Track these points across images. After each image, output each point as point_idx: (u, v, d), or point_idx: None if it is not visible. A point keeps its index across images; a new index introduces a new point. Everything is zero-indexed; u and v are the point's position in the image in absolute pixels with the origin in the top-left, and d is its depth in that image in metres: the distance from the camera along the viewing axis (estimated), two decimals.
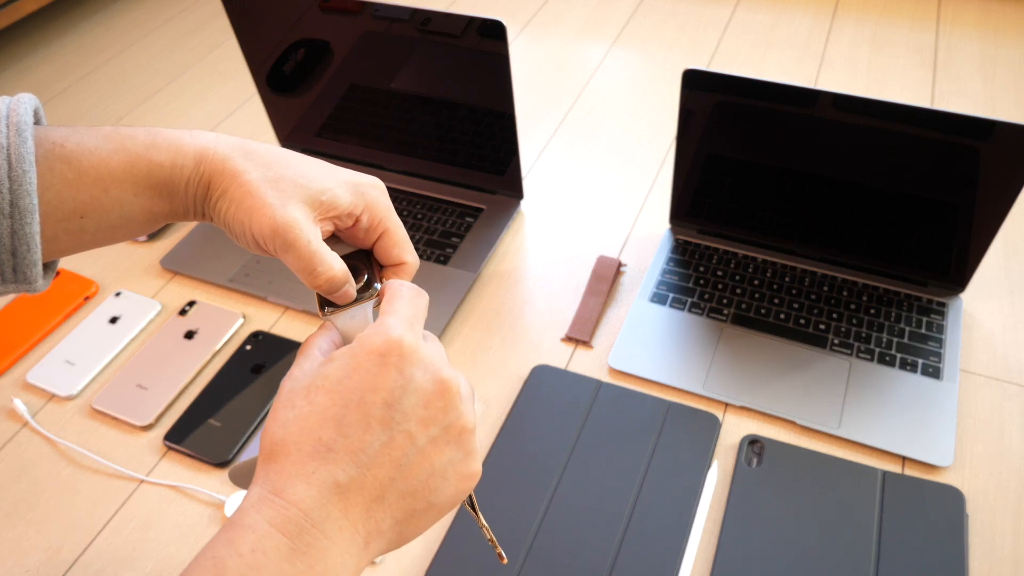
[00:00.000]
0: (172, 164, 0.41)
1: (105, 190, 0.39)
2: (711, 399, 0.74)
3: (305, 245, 0.40)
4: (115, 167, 0.39)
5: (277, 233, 0.40)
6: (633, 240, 0.91)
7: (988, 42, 1.20)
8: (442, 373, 0.37)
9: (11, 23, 1.33)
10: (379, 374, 0.35)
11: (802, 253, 0.85)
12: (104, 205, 0.39)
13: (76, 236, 0.39)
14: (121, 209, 0.40)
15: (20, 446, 0.75)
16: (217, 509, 0.69)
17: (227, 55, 1.33)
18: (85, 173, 0.38)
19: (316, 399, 0.35)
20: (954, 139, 0.69)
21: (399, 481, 0.35)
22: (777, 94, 0.73)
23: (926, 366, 0.74)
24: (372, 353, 0.36)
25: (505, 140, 0.89)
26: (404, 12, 0.83)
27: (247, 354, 0.81)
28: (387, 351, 0.36)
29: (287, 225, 0.40)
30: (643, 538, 0.64)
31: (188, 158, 0.41)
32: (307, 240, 0.41)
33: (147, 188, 0.40)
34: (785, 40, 1.23)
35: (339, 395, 0.35)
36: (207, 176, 0.41)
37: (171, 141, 0.41)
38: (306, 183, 0.42)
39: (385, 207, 0.44)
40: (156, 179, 0.40)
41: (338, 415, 0.35)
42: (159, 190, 0.41)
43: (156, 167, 0.40)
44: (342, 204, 0.43)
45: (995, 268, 0.85)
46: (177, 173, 0.41)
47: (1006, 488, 0.66)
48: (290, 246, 0.40)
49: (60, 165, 0.38)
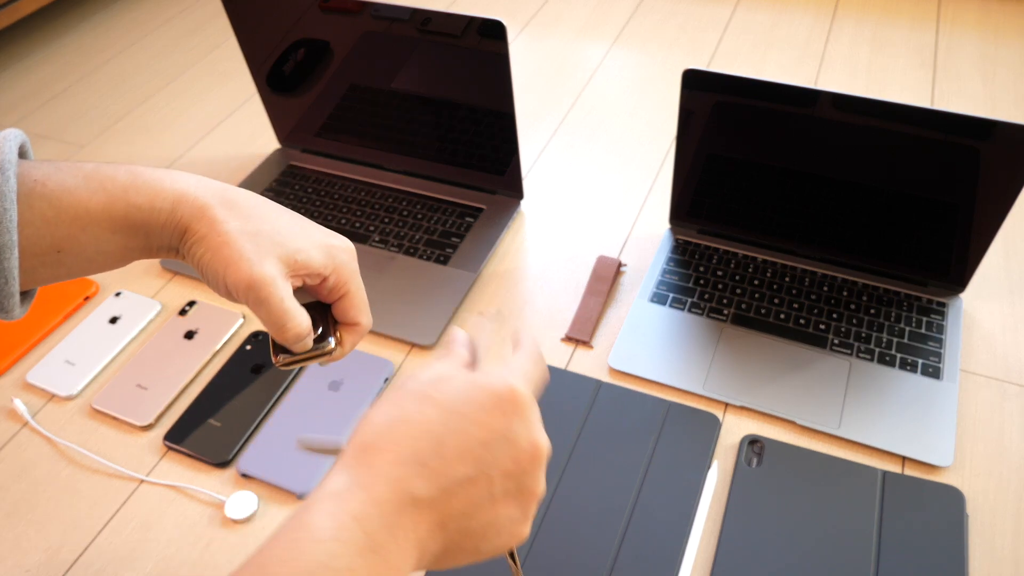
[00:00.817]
0: (150, 207, 0.42)
1: (83, 228, 0.41)
2: (711, 399, 0.74)
3: (279, 303, 0.43)
4: (93, 207, 0.41)
5: (252, 288, 0.42)
6: (633, 240, 0.91)
7: (988, 42, 1.20)
8: (539, 439, 0.38)
9: (11, 23, 1.33)
10: (490, 414, 0.36)
11: (802, 253, 0.85)
12: (81, 242, 0.41)
13: (52, 269, 0.41)
14: (97, 245, 0.42)
15: (20, 446, 0.75)
16: (217, 509, 0.69)
17: (227, 55, 1.33)
18: (64, 212, 0.40)
19: (426, 411, 0.36)
20: (954, 139, 0.69)
21: (463, 518, 0.36)
22: (777, 94, 0.73)
23: (926, 366, 0.74)
24: (492, 393, 0.37)
25: (505, 140, 0.89)
26: (404, 12, 0.83)
27: (247, 354, 0.81)
28: (505, 397, 0.37)
29: (263, 281, 0.42)
30: (643, 538, 0.64)
31: (167, 201, 0.43)
32: (280, 298, 0.43)
33: (124, 228, 0.42)
34: (785, 40, 1.23)
35: (448, 417, 0.36)
36: (184, 221, 0.43)
37: (150, 184, 0.43)
38: (282, 240, 0.45)
39: (351, 271, 0.47)
40: (133, 220, 0.42)
41: (440, 435, 0.36)
42: (135, 230, 0.42)
43: (134, 209, 0.42)
44: (314, 265, 0.45)
45: (995, 268, 0.85)
46: (154, 216, 0.42)
47: (1006, 488, 0.66)
48: (263, 301, 0.42)
49: (40, 203, 0.39)
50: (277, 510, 0.69)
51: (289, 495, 0.69)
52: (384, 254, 0.90)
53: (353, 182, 1.00)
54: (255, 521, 0.68)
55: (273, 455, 0.71)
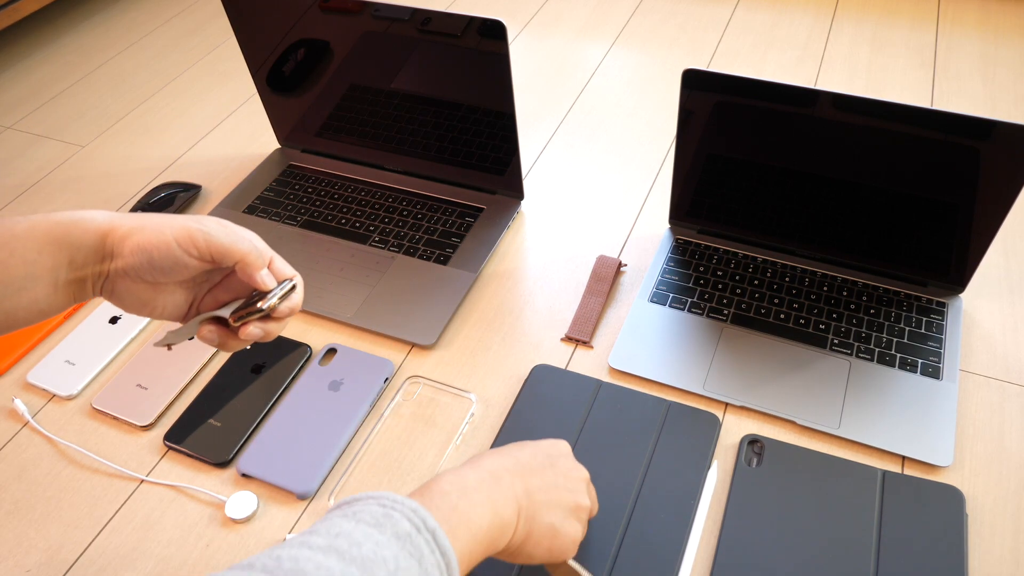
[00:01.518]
0: (71, 220, 0.47)
1: (11, 252, 0.45)
2: (711, 399, 0.74)
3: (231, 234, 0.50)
4: (19, 231, 0.45)
5: (202, 231, 0.48)
6: (633, 240, 0.91)
7: (988, 42, 1.20)
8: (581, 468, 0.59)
9: (11, 23, 1.33)
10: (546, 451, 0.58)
11: (802, 253, 0.85)
12: (10, 266, 0.44)
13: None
14: (25, 268, 0.45)
15: (20, 446, 0.75)
16: (217, 509, 0.69)
17: (227, 55, 1.33)
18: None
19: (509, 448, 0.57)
20: (954, 139, 0.69)
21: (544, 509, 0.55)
22: (777, 94, 0.73)
23: (926, 366, 0.74)
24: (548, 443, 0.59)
25: (505, 140, 0.89)
26: (404, 12, 0.83)
27: (247, 354, 0.81)
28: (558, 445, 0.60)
29: (207, 224, 0.49)
30: (643, 538, 0.64)
31: (86, 215, 0.48)
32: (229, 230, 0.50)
33: (48, 244, 0.46)
34: (785, 40, 1.23)
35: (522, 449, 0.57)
36: (104, 227, 0.48)
37: (66, 211, 0.48)
38: (201, 217, 0.51)
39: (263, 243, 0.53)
40: (56, 234, 0.46)
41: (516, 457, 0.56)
42: (59, 244, 0.46)
43: (55, 224, 0.46)
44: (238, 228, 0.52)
45: (995, 268, 0.85)
46: (76, 227, 0.47)
47: (1006, 488, 0.66)
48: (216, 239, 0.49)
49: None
50: (277, 510, 0.69)
51: (289, 495, 0.69)
52: (384, 254, 0.90)
53: (353, 182, 1.00)
54: (255, 521, 0.68)
55: (273, 455, 0.71)
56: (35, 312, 0.47)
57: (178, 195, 0.99)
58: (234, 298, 0.54)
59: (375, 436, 0.73)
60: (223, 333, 0.53)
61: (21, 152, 1.15)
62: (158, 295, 0.51)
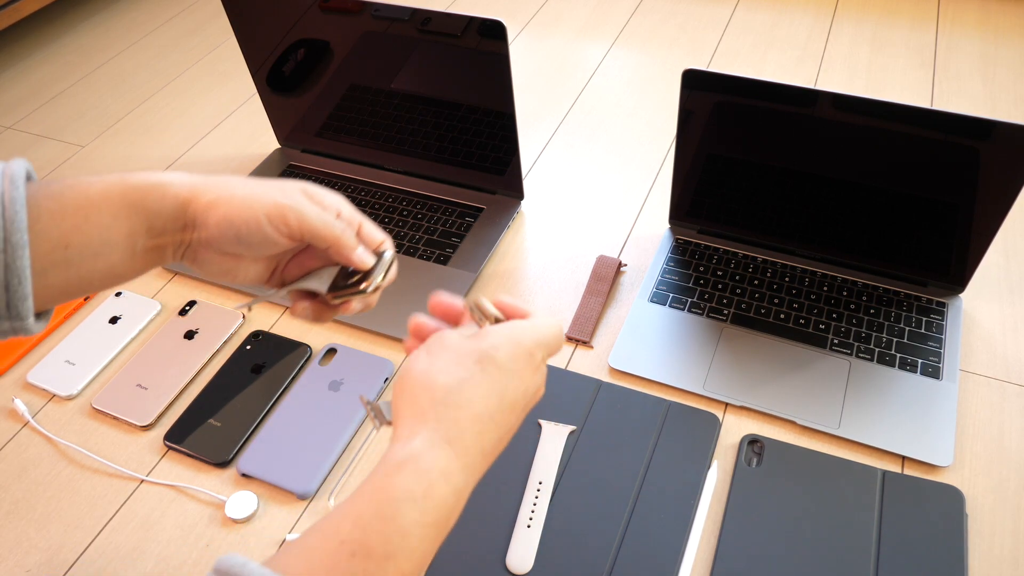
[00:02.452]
0: (147, 184, 0.44)
1: (86, 217, 0.42)
2: (711, 399, 0.74)
3: (322, 214, 0.46)
4: (93, 194, 0.43)
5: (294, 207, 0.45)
6: (633, 240, 0.91)
7: (988, 42, 1.20)
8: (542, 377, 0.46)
9: (11, 23, 1.33)
10: (537, 368, 0.44)
11: (802, 253, 0.85)
12: (85, 232, 0.42)
13: (62, 270, 0.42)
14: (101, 234, 0.43)
15: (20, 446, 0.75)
16: (217, 509, 0.69)
17: (227, 55, 1.33)
18: (67, 204, 0.42)
19: (489, 370, 0.41)
20: (954, 139, 0.69)
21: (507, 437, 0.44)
22: (777, 94, 0.73)
23: (926, 366, 0.74)
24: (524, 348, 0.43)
25: (505, 140, 0.89)
26: (404, 12, 0.83)
27: (247, 354, 0.81)
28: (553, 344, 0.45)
29: (299, 199, 0.46)
30: (643, 538, 0.64)
31: (163, 179, 0.45)
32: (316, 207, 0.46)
33: (124, 208, 0.43)
34: (785, 40, 1.23)
35: (508, 376, 0.42)
36: (184, 193, 0.45)
37: (145, 172, 0.45)
38: (284, 183, 0.47)
39: (351, 205, 0.50)
40: (132, 199, 0.43)
41: (502, 391, 0.42)
42: (136, 210, 0.44)
43: (131, 188, 0.44)
44: (326, 194, 0.48)
45: (995, 268, 0.85)
46: (152, 192, 0.44)
47: (1006, 488, 0.66)
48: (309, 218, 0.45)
49: (46, 202, 0.41)
50: (277, 510, 0.69)
51: (289, 495, 0.69)
52: None
53: (353, 182, 1.00)
54: (255, 521, 0.68)
55: (273, 455, 0.71)
56: (112, 277, 0.44)
57: None
58: (322, 265, 0.50)
59: (375, 436, 0.73)
60: (317, 309, 0.50)
61: (21, 152, 1.15)
62: (241, 264, 0.48)
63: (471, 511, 0.66)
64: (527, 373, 0.43)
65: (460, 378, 0.41)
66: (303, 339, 0.83)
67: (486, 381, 0.41)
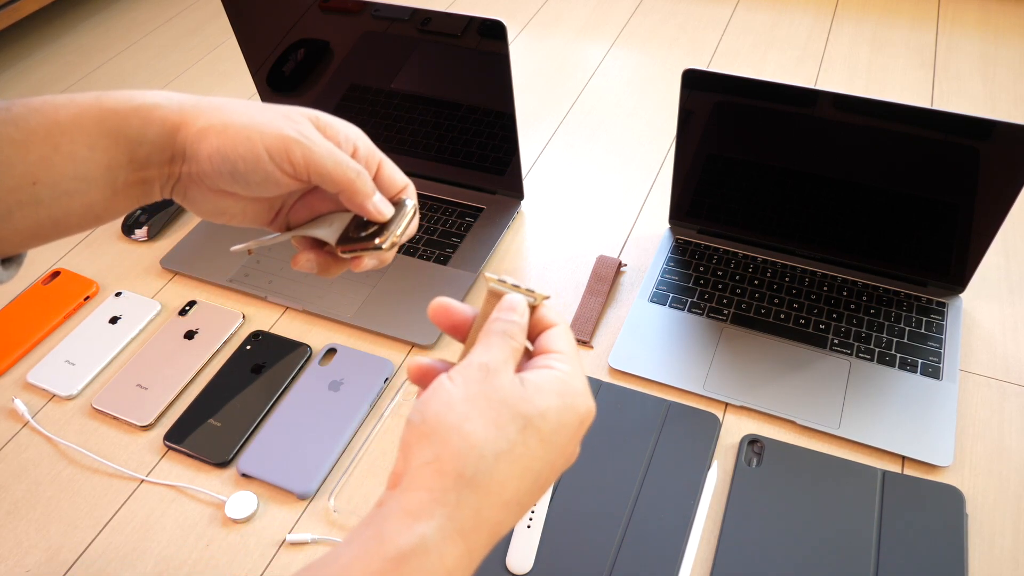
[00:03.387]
0: (128, 107, 0.37)
1: (55, 146, 0.35)
2: (711, 399, 0.74)
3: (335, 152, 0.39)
4: (64, 119, 0.36)
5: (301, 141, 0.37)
6: (633, 240, 0.91)
7: (988, 42, 1.20)
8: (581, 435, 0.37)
9: (11, 23, 1.33)
10: (574, 440, 0.35)
11: (802, 253, 0.85)
12: (56, 164, 0.35)
13: (31, 210, 0.36)
14: (75, 167, 0.36)
15: (20, 446, 0.75)
16: (217, 509, 0.69)
17: (227, 55, 1.33)
18: (32, 132, 0.35)
19: (530, 444, 0.33)
20: (954, 139, 0.69)
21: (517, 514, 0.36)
22: (777, 94, 0.73)
23: (926, 366, 0.74)
24: (580, 419, 0.35)
25: (505, 140, 0.89)
26: (404, 12, 0.83)
27: (247, 354, 0.81)
28: (587, 421, 0.36)
29: (310, 131, 0.38)
30: (643, 538, 0.64)
31: (146, 100, 0.38)
32: (332, 148, 0.39)
33: (101, 136, 0.36)
34: (785, 40, 1.23)
35: (548, 451, 0.34)
36: (173, 117, 0.37)
37: (123, 92, 0.38)
38: (290, 109, 0.40)
39: (369, 140, 0.42)
40: (110, 125, 0.36)
41: (539, 471, 0.34)
42: (115, 139, 0.37)
43: (109, 112, 0.36)
44: (339, 126, 0.41)
45: (995, 268, 0.85)
46: (134, 117, 0.37)
47: (1006, 488, 0.66)
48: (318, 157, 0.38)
49: (5, 128, 0.35)
50: (277, 510, 0.69)
51: (289, 495, 0.69)
52: None
53: None
54: (255, 521, 0.68)
55: (273, 455, 0.71)
56: (91, 218, 0.38)
57: None
58: (332, 210, 0.43)
59: (375, 436, 0.73)
60: (324, 261, 0.43)
61: None
62: (237, 203, 0.41)
63: None
64: (571, 447, 0.35)
65: (498, 451, 0.33)
66: (303, 339, 0.83)
67: (525, 457, 0.33)
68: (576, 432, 0.35)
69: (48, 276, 0.91)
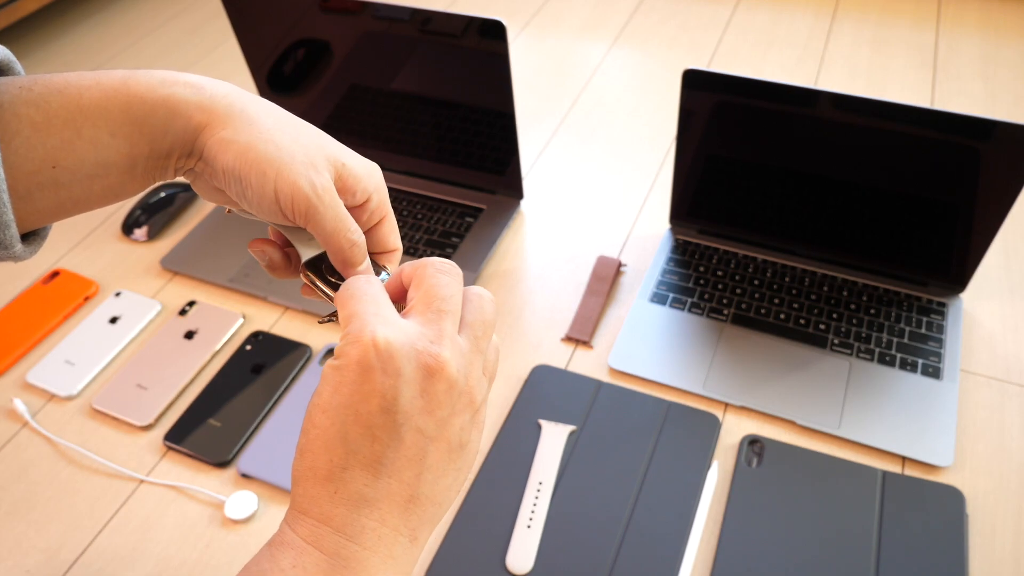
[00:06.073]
0: (154, 97, 0.36)
1: (77, 131, 0.35)
2: (711, 399, 0.74)
3: (341, 210, 0.38)
4: (87, 104, 0.35)
5: (314, 196, 0.37)
6: (633, 240, 0.91)
7: (988, 42, 1.20)
8: (427, 356, 0.33)
9: (11, 23, 1.33)
10: (365, 382, 0.33)
11: (802, 253, 0.85)
12: (77, 150, 0.35)
13: (51, 192, 0.36)
14: (96, 153, 0.36)
15: (20, 446, 0.75)
16: (217, 509, 0.69)
17: (227, 55, 1.33)
18: (54, 115, 0.34)
19: (317, 421, 0.34)
20: (954, 139, 0.69)
21: (425, 474, 0.34)
22: (777, 94, 0.73)
23: (926, 366, 0.74)
24: (351, 364, 0.33)
25: (505, 140, 0.89)
26: (404, 12, 0.83)
27: (247, 354, 0.81)
28: (363, 356, 0.33)
29: (324, 188, 0.38)
30: (643, 538, 0.64)
31: (175, 86, 0.37)
32: (339, 204, 0.38)
33: (125, 126, 0.36)
34: (785, 40, 1.23)
35: (335, 413, 0.33)
36: (200, 115, 0.37)
37: (152, 74, 0.37)
38: (324, 143, 0.39)
39: (386, 192, 0.42)
40: (135, 115, 0.36)
41: (341, 433, 0.33)
42: (138, 128, 0.36)
43: (135, 100, 0.36)
44: (360, 176, 0.40)
45: (995, 268, 0.85)
46: (160, 107, 0.36)
47: (1006, 488, 0.66)
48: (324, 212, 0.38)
49: (27, 109, 0.34)
50: (277, 510, 0.69)
51: (289, 495, 0.69)
52: None
53: None
54: (255, 521, 0.68)
55: (273, 455, 0.71)
56: (109, 198, 0.38)
57: (178, 195, 0.99)
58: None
59: None
60: (279, 260, 0.43)
61: None
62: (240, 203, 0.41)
63: (471, 511, 0.66)
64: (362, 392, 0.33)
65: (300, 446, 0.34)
66: (303, 339, 0.83)
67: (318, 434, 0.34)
68: (363, 380, 0.33)
69: (48, 276, 0.91)
